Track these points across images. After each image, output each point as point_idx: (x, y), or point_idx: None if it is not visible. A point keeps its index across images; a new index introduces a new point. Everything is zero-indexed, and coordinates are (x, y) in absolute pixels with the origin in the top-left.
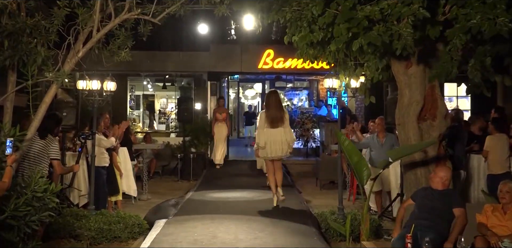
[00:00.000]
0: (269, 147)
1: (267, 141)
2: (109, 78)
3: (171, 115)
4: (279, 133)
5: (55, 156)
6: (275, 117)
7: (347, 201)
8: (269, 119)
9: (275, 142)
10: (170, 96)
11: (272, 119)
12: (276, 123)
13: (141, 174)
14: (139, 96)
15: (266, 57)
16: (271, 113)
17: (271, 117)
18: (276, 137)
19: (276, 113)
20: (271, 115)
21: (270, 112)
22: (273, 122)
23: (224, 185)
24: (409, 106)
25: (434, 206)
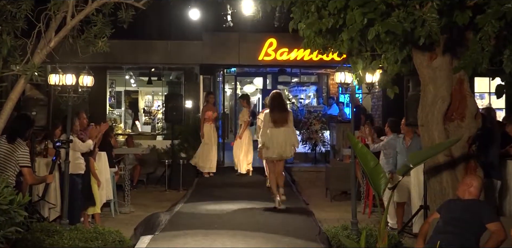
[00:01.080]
0: (272, 148)
1: (270, 141)
2: (86, 71)
3: (158, 114)
4: (282, 134)
5: (25, 163)
6: (279, 118)
7: (361, 214)
8: (273, 119)
9: (278, 143)
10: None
11: (276, 120)
12: (280, 123)
13: (123, 183)
14: (121, 93)
15: (267, 47)
16: (275, 115)
17: (274, 118)
18: (279, 137)
19: (280, 114)
20: (275, 116)
21: (274, 113)
22: (277, 122)
23: (219, 196)
24: (433, 104)
25: (461, 218)
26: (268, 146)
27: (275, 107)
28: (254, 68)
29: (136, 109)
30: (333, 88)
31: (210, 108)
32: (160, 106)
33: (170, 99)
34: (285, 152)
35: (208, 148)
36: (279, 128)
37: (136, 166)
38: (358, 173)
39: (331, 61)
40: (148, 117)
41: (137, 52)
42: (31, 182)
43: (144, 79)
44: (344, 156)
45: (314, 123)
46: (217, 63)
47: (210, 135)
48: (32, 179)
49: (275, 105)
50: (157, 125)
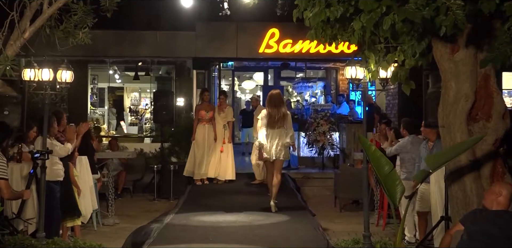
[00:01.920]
0: (266, 149)
1: (266, 142)
2: (64, 66)
3: (145, 114)
4: (277, 135)
5: (1, 175)
6: (277, 120)
7: (375, 226)
8: (270, 120)
9: (273, 144)
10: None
11: (273, 121)
12: (276, 125)
13: (106, 192)
14: (104, 90)
15: (269, 38)
16: (272, 116)
17: (271, 120)
18: (274, 139)
19: (277, 116)
20: (272, 117)
21: (272, 115)
22: (274, 123)
23: (214, 206)
24: (456, 102)
25: (488, 231)
26: (263, 147)
27: (272, 106)
28: (254, 62)
29: (121, 108)
30: (343, 85)
31: (204, 107)
32: (148, 104)
33: (159, 97)
34: (280, 153)
35: (200, 152)
36: (275, 129)
37: (121, 172)
38: (371, 180)
39: (340, 53)
40: (134, 117)
41: (122, 44)
42: (7, 197)
43: (130, 74)
44: (356, 161)
45: (322, 124)
46: (212, 56)
47: (204, 137)
48: (8, 194)
49: (273, 105)
50: (145, 126)
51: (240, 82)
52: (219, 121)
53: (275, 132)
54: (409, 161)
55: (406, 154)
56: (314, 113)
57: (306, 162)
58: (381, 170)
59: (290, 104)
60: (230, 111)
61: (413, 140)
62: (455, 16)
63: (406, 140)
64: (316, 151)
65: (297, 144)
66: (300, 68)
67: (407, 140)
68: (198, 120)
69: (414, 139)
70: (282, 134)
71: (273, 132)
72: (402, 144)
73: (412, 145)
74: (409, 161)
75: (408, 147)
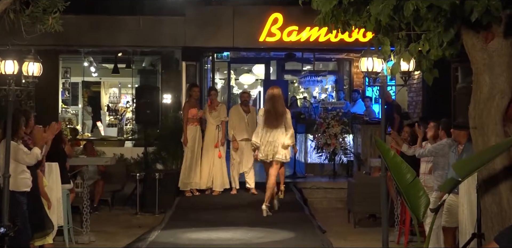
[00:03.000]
0: (263, 149)
1: (262, 142)
2: (31, 57)
3: (126, 113)
4: (275, 135)
5: None
6: (275, 119)
7: (395, 244)
8: (267, 120)
9: (270, 144)
10: (125, 85)
11: (271, 121)
12: (274, 124)
13: (80, 204)
14: (77, 85)
15: (271, 25)
16: (270, 115)
17: (269, 119)
18: (271, 138)
19: (275, 115)
20: (270, 117)
21: (270, 114)
22: (272, 123)
23: (207, 221)
24: (490, 99)
25: None
26: (258, 147)
27: (272, 106)
28: (253, 52)
29: (98, 106)
30: (357, 79)
31: (194, 105)
32: (130, 102)
33: (142, 93)
34: (277, 154)
35: (192, 158)
36: (273, 128)
37: (97, 182)
38: (391, 191)
39: (355, 42)
40: (113, 117)
41: (99, 31)
42: None
43: (108, 67)
44: (373, 168)
45: (333, 125)
46: (204, 45)
47: (195, 140)
48: None
49: (272, 103)
50: (126, 128)
51: (237, 76)
52: (211, 121)
53: (273, 132)
54: (443, 168)
55: (442, 158)
56: (323, 112)
57: (315, 169)
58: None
59: (295, 102)
60: (223, 109)
61: (452, 144)
62: (488, 1)
63: (444, 142)
64: (326, 157)
65: (304, 149)
66: (308, 59)
67: (445, 142)
68: (188, 120)
69: (452, 142)
70: (280, 133)
71: (271, 131)
72: (439, 146)
73: (450, 149)
74: (444, 168)
75: (446, 150)
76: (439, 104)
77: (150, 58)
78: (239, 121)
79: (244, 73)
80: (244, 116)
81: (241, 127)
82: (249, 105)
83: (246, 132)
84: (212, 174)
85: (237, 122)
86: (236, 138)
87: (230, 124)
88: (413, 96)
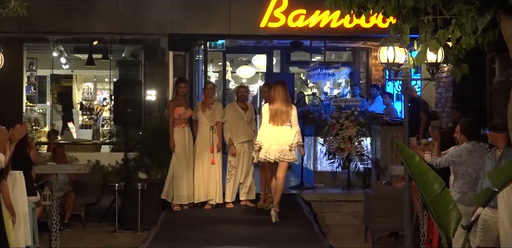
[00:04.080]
0: (269, 148)
1: (267, 141)
2: None
3: (103, 112)
4: (281, 132)
5: None
6: (280, 115)
7: None
8: (272, 115)
9: (276, 143)
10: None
11: (276, 116)
12: (280, 121)
13: (48, 220)
14: (45, 79)
15: (274, 8)
16: (275, 110)
17: (275, 114)
18: (278, 137)
19: (281, 110)
20: (276, 112)
21: (274, 106)
22: (277, 119)
23: (198, 239)
24: None
25: None
26: (262, 146)
27: (276, 99)
28: (253, 40)
29: (69, 104)
30: (376, 72)
31: (181, 103)
32: (107, 99)
33: (122, 89)
34: (285, 154)
35: (180, 166)
36: (278, 126)
37: (69, 194)
38: (415, 204)
39: (373, 29)
40: (87, 117)
41: (70, 16)
42: None
43: (81, 58)
44: (394, 178)
45: (347, 126)
46: (195, 32)
47: (184, 144)
48: None
49: (276, 97)
50: (102, 129)
51: (234, 68)
52: (204, 122)
53: (280, 129)
54: (463, 177)
55: (460, 167)
56: (336, 111)
57: (326, 179)
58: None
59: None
60: (219, 108)
61: (472, 149)
62: None
63: (462, 147)
64: (339, 164)
65: (313, 154)
66: (317, 49)
67: (463, 147)
68: (174, 121)
69: (473, 147)
70: (287, 131)
71: (277, 128)
72: (455, 153)
73: (469, 155)
74: (463, 177)
75: (464, 158)
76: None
77: (131, 48)
78: (237, 121)
79: (242, 65)
80: (243, 114)
81: (239, 127)
82: (246, 101)
83: (245, 133)
84: (205, 184)
85: (235, 122)
86: (233, 141)
87: (226, 125)
88: (442, 92)
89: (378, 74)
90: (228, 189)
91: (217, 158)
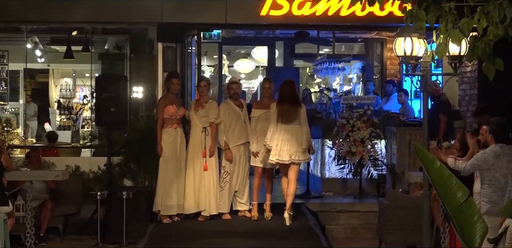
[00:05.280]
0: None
1: (276, 141)
2: None
3: (84, 111)
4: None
5: None
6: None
7: None
8: (281, 114)
9: (286, 143)
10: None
11: (286, 113)
12: (289, 119)
13: (22, 233)
14: (17, 73)
15: None
16: (284, 107)
17: (283, 112)
18: (288, 136)
19: (289, 106)
20: (284, 108)
21: (284, 105)
22: (286, 117)
23: None
24: None
25: None
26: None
27: (285, 98)
28: (252, 30)
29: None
30: (392, 66)
31: (173, 101)
32: (88, 97)
33: (105, 85)
34: (296, 154)
35: (170, 172)
36: (288, 125)
37: (45, 203)
38: (436, 215)
39: (388, 17)
40: (66, 117)
41: (46, 3)
42: None
43: (59, 50)
44: (412, 185)
45: (359, 127)
46: (187, 21)
47: (175, 147)
48: None
49: (285, 96)
50: (83, 131)
51: (232, 61)
52: (196, 123)
53: (289, 129)
54: (491, 184)
55: (487, 172)
56: (347, 110)
57: (335, 186)
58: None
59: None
60: (213, 107)
61: (500, 151)
62: None
63: (488, 150)
64: (349, 170)
65: (321, 159)
66: (325, 40)
67: (490, 150)
68: (164, 122)
69: (502, 149)
70: (297, 130)
71: (286, 128)
72: (481, 157)
73: (496, 158)
74: (491, 183)
75: (491, 161)
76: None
77: (115, 39)
78: (234, 121)
79: (240, 59)
80: (240, 113)
81: (236, 128)
82: (239, 98)
83: (242, 134)
84: (197, 193)
85: (231, 123)
86: (229, 144)
87: (221, 127)
88: (466, 89)
89: (394, 68)
90: (222, 198)
91: (211, 164)
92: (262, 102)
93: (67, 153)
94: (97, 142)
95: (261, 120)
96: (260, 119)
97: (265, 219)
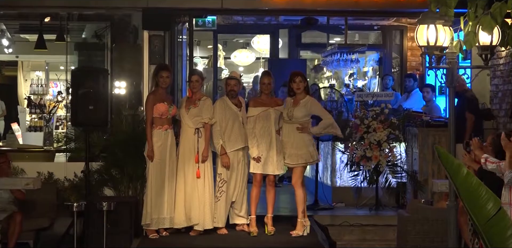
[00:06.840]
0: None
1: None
2: None
3: (58, 110)
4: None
5: None
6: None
7: None
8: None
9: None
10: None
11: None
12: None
13: None
14: None
15: None
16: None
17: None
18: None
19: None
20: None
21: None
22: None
23: None
24: None
25: None
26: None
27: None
28: (252, 16)
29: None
30: (413, 58)
31: (163, 98)
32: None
33: (82, 80)
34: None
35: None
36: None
37: (13, 216)
38: (463, 229)
39: (408, 2)
40: (37, 116)
41: None
42: None
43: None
44: (437, 195)
45: (376, 128)
46: (177, 6)
47: (165, 151)
48: None
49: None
50: (57, 132)
51: (229, 52)
52: (187, 123)
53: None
54: None
55: None
56: (361, 108)
57: (347, 196)
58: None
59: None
60: (207, 105)
61: None
62: None
63: None
64: (364, 178)
65: (331, 165)
66: (336, 27)
67: None
68: (153, 122)
69: None
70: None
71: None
72: None
73: None
74: None
75: None
76: None
77: (94, 26)
78: (231, 122)
79: (238, 49)
80: (238, 113)
81: (234, 130)
82: (238, 96)
83: (241, 138)
84: (188, 204)
85: (228, 125)
86: (226, 149)
87: (216, 128)
88: (499, 84)
89: (416, 60)
90: (218, 210)
91: (204, 170)
92: (260, 99)
93: (39, 158)
94: (73, 146)
95: (260, 120)
96: (258, 119)
97: (267, 234)
